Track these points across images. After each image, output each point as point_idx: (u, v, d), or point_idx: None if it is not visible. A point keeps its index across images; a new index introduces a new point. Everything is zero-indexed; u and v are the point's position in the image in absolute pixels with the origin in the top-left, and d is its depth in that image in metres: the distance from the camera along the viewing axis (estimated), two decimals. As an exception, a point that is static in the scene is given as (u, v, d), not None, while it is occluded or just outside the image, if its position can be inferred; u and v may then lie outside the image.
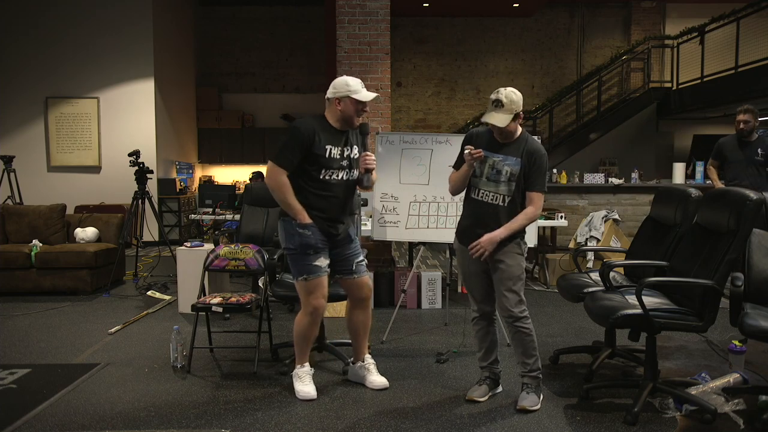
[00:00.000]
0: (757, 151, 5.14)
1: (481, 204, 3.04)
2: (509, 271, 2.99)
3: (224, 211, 6.72)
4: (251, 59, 12.12)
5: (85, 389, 3.31)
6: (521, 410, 3.02)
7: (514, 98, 2.92)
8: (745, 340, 3.32)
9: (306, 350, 3.24)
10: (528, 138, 3.04)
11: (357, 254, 3.28)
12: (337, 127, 3.10)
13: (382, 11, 6.01)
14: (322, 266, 3.11)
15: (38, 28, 9.15)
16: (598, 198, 7.75)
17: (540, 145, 3.03)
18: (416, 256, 6.02)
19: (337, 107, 3.06)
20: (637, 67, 11.53)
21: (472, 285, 3.17)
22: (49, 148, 9.26)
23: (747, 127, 5.13)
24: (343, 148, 3.11)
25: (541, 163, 2.96)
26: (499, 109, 2.90)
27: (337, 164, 3.08)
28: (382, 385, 3.32)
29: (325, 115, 3.12)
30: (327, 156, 3.05)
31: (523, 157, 2.95)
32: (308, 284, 3.10)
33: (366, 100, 3.05)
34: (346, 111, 3.06)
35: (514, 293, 3.00)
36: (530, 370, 3.07)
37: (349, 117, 3.07)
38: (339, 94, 3.04)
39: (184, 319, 4.81)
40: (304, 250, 3.06)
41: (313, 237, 3.07)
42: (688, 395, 2.96)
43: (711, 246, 2.95)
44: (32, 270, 5.67)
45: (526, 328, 3.02)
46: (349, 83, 3.04)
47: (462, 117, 12.33)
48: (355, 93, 3.02)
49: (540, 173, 2.96)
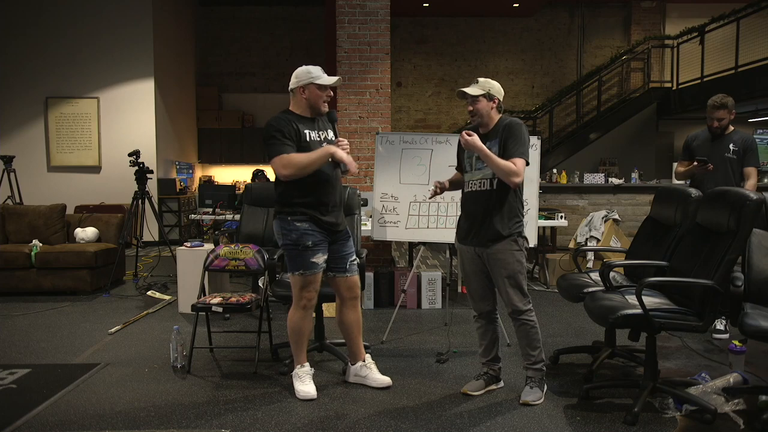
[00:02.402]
0: (729, 146, 4.26)
1: (473, 194, 3.11)
2: (507, 267, 3.02)
3: (224, 211, 6.72)
4: (251, 59, 12.12)
5: (85, 389, 3.31)
6: (524, 404, 3.04)
7: (491, 83, 3.08)
8: (745, 340, 3.32)
9: (303, 348, 3.25)
10: (506, 119, 3.10)
11: (352, 253, 3.31)
12: (307, 116, 3.17)
13: (382, 11, 6.01)
14: (319, 263, 3.13)
15: (38, 28, 9.16)
16: (598, 198, 7.76)
17: (516, 119, 3.09)
18: (416, 256, 6.01)
19: (302, 96, 3.13)
20: (637, 67, 11.54)
21: (471, 284, 3.21)
22: (49, 148, 9.26)
23: (721, 125, 4.28)
24: (319, 132, 3.19)
25: (516, 131, 3.00)
26: (474, 85, 3.08)
27: (318, 146, 3.12)
28: (385, 383, 3.32)
29: (291, 109, 3.19)
30: (308, 139, 3.11)
31: (500, 135, 3.02)
32: (304, 279, 3.13)
33: (329, 83, 3.13)
34: (312, 97, 3.13)
35: (515, 288, 3.03)
36: (534, 362, 3.10)
37: (315, 103, 3.14)
38: (302, 83, 3.11)
39: (184, 319, 4.81)
40: (302, 244, 3.09)
41: (312, 232, 3.10)
42: (688, 395, 2.96)
43: (711, 246, 2.95)
44: (32, 270, 5.67)
45: (531, 320, 3.07)
46: (311, 71, 3.12)
47: (462, 117, 12.33)
48: (317, 79, 3.10)
49: (516, 141, 2.98)
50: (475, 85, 3.07)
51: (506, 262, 3.01)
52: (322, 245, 3.14)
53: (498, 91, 3.08)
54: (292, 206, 3.10)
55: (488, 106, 3.06)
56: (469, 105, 3.08)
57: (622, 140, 11.22)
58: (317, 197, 3.11)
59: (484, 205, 3.04)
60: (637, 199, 7.75)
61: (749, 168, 4.24)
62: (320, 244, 3.13)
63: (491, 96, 3.05)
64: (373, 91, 6.08)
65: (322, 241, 3.14)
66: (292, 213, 3.10)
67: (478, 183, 3.07)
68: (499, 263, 3.02)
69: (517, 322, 3.09)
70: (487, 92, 3.04)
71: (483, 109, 3.06)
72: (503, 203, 3.01)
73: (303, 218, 3.09)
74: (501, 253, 3.01)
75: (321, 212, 3.12)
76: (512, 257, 3.02)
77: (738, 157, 4.24)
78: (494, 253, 3.02)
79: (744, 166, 4.24)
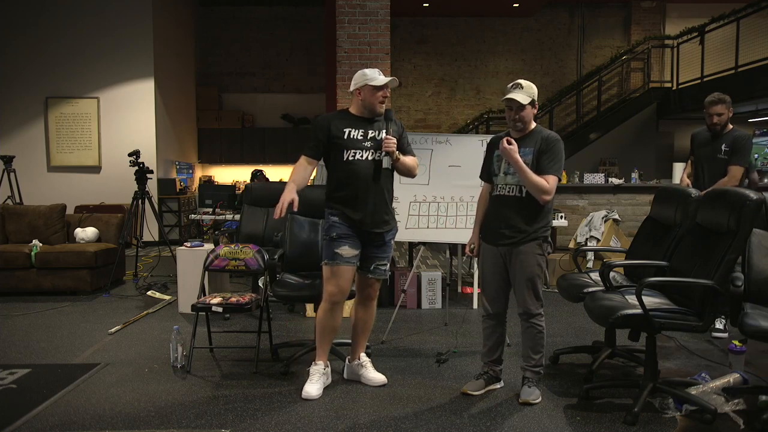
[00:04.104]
0: (721, 147, 4.21)
1: (501, 198, 3.09)
2: (527, 270, 3.03)
3: (224, 211, 6.72)
4: (251, 59, 12.12)
5: (85, 389, 3.31)
6: (524, 404, 3.05)
7: (533, 87, 3.04)
8: (745, 340, 3.32)
9: (323, 344, 3.26)
10: (543, 130, 3.09)
11: (382, 258, 3.31)
12: (364, 116, 3.25)
13: (382, 11, 6.02)
14: (343, 255, 3.14)
15: (38, 28, 9.15)
16: (598, 198, 7.76)
17: (554, 134, 3.08)
18: (416, 256, 6.02)
19: (358, 98, 3.23)
20: (637, 67, 11.54)
21: (487, 283, 3.21)
22: (49, 148, 9.26)
23: (721, 121, 4.22)
24: (367, 131, 3.22)
25: (554, 147, 2.99)
26: (519, 90, 3.00)
27: (359, 144, 3.18)
28: (380, 381, 3.33)
29: (349, 109, 3.30)
30: (346, 137, 3.18)
31: (536, 145, 3.00)
32: (329, 270, 3.18)
33: (381, 84, 3.18)
34: (367, 98, 3.20)
35: (531, 291, 3.05)
36: (534, 365, 3.12)
37: (370, 104, 3.21)
38: (358, 85, 3.21)
39: (184, 319, 4.81)
40: (329, 235, 3.18)
41: (339, 225, 3.17)
42: (688, 395, 2.96)
43: (711, 246, 2.94)
44: (32, 270, 5.67)
45: (539, 325, 3.09)
46: (366, 73, 3.21)
47: (462, 117, 12.34)
48: (371, 80, 3.17)
49: (551, 157, 2.98)
50: (520, 90, 2.99)
51: (528, 264, 3.03)
52: (348, 239, 3.16)
53: (536, 94, 3.04)
54: (328, 200, 3.25)
55: (532, 112, 3.04)
56: (511, 111, 3.01)
57: (622, 140, 11.22)
58: (349, 194, 3.17)
59: (514, 209, 3.03)
60: (637, 199, 7.74)
61: (732, 166, 4.16)
62: (347, 237, 3.16)
63: (534, 102, 3.03)
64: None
65: (350, 236, 3.16)
66: (328, 206, 3.24)
67: (508, 188, 3.06)
68: (521, 265, 3.03)
69: (526, 324, 3.10)
70: (532, 99, 3.00)
71: (527, 116, 3.02)
72: (533, 208, 3.01)
73: (335, 212, 3.20)
74: (524, 254, 3.02)
75: (352, 209, 3.17)
76: (534, 260, 3.03)
77: (728, 157, 4.19)
78: (518, 254, 3.03)
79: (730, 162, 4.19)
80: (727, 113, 4.21)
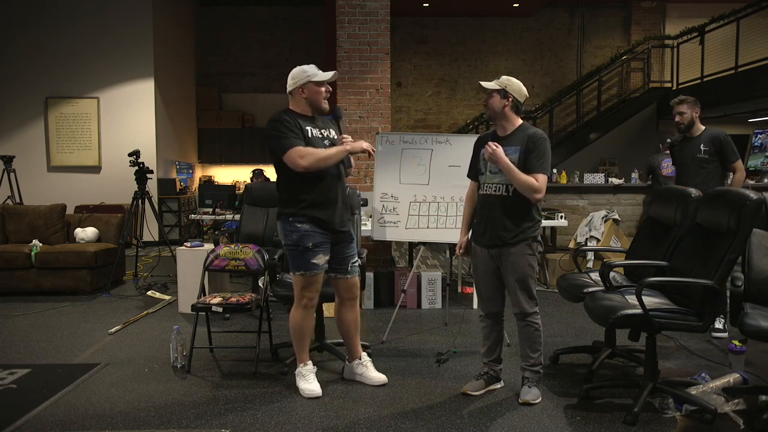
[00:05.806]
0: (700, 147, 4.30)
1: (487, 197, 3.09)
2: (519, 270, 3.03)
3: (224, 211, 6.72)
4: (251, 59, 12.12)
5: (85, 389, 3.31)
6: (524, 404, 3.05)
7: (511, 80, 3.05)
8: (745, 340, 3.32)
9: (305, 346, 3.25)
10: (529, 127, 3.10)
11: (354, 255, 3.32)
12: (308, 115, 3.16)
13: (382, 11, 6.02)
14: (320, 264, 3.14)
15: (38, 28, 9.16)
16: (598, 198, 7.75)
17: (540, 131, 3.08)
18: (416, 256, 6.01)
19: (301, 96, 3.13)
20: (637, 67, 11.54)
21: (481, 283, 3.22)
22: (49, 148, 9.26)
23: (683, 120, 4.35)
24: (320, 129, 3.17)
25: (540, 145, 2.98)
26: (493, 81, 3.07)
27: (320, 143, 3.12)
28: (381, 380, 3.34)
29: (292, 109, 3.17)
30: (310, 136, 3.10)
31: (522, 144, 3.00)
32: (304, 279, 3.13)
33: (325, 79, 3.12)
34: (311, 96, 3.12)
35: (524, 291, 3.05)
36: (533, 365, 3.12)
37: (315, 101, 3.13)
38: (300, 82, 3.11)
39: (184, 319, 4.81)
40: (302, 245, 3.08)
41: (312, 233, 3.09)
42: (688, 395, 2.96)
43: (711, 246, 2.94)
44: (32, 270, 5.67)
45: (535, 323, 3.09)
46: (306, 69, 3.12)
47: (462, 117, 12.33)
48: (314, 76, 3.10)
49: (538, 155, 2.97)
50: (495, 81, 3.06)
51: (519, 265, 3.03)
52: (322, 246, 3.13)
53: (515, 90, 3.04)
54: (294, 207, 3.10)
55: (500, 103, 3.03)
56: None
57: (622, 140, 11.22)
58: (319, 195, 3.10)
59: (501, 209, 3.03)
60: (637, 199, 7.73)
61: (732, 164, 4.29)
62: (321, 245, 3.13)
63: (506, 93, 3.02)
64: (373, 91, 6.08)
65: (323, 243, 3.14)
66: (293, 214, 3.10)
67: (494, 186, 3.06)
68: (512, 266, 3.03)
69: (522, 323, 3.10)
70: (502, 88, 3.02)
71: (494, 104, 3.05)
72: (520, 207, 3.02)
73: (303, 219, 3.09)
74: (514, 255, 3.02)
75: (323, 211, 3.11)
76: (525, 261, 3.03)
77: (710, 156, 4.28)
78: (508, 255, 3.03)
79: (726, 163, 4.30)
80: (690, 112, 4.35)
